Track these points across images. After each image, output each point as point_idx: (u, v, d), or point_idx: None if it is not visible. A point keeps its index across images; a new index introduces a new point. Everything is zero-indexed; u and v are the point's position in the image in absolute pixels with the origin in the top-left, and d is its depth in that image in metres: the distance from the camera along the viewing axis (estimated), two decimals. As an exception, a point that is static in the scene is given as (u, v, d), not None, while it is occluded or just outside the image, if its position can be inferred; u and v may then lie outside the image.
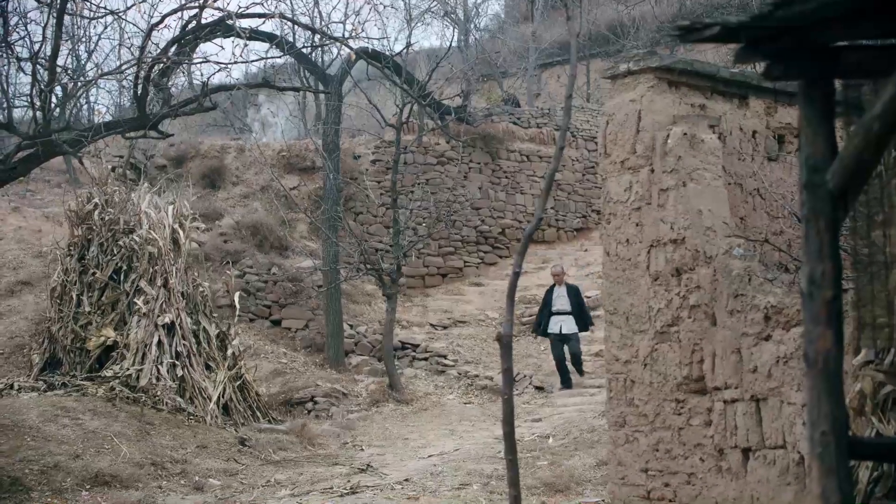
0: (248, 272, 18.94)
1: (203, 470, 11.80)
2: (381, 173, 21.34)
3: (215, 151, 22.25)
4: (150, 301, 14.16)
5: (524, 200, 23.09)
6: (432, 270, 21.69)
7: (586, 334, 16.58)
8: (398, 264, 16.85)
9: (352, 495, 10.46)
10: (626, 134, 6.63)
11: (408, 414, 15.39)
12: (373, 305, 19.87)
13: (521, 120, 23.74)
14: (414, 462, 12.14)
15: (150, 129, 7.98)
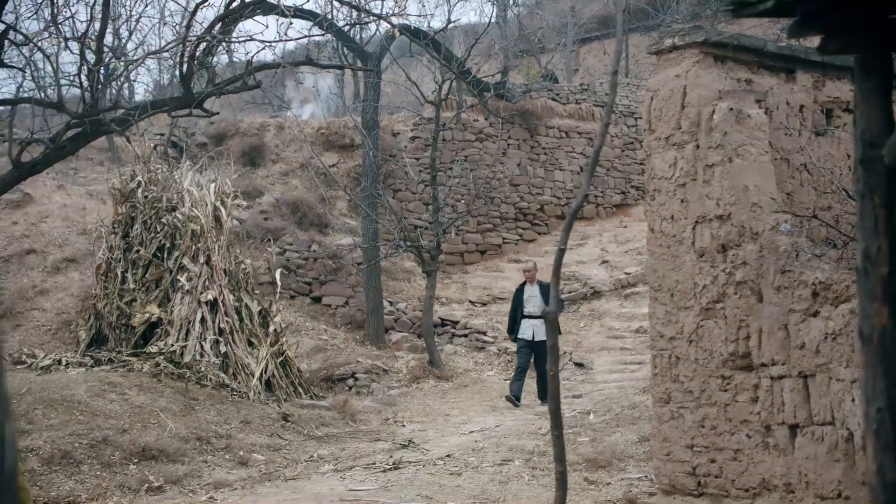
0: (288, 249, 19.06)
1: (247, 445, 11.93)
2: (420, 150, 21.35)
3: (255, 129, 22.36)
4: (193, 278, 14.31)
5: (563, 177, 23.01)
6: (471, 247, 21.71)
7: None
8: (438, 241, 16.88)
9: (395, 471, 10.55)
10: (671, 110, 6.59)
11: (448, 390, 15.45)
12: (412, 282, 19.93)
13: (560, 96, 23.62)
14: (455, 438, 12.20)
15: (196, 108, 8.04)
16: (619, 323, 17.46)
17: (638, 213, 23.11)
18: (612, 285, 18.96)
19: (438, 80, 17.87)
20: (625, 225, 22.51)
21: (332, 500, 9.26)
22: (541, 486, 9.15)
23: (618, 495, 8.23)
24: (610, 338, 16.92)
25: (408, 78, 17.54)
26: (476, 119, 21.88)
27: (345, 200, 20.83)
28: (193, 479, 10.51)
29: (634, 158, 23.92)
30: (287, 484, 10.42)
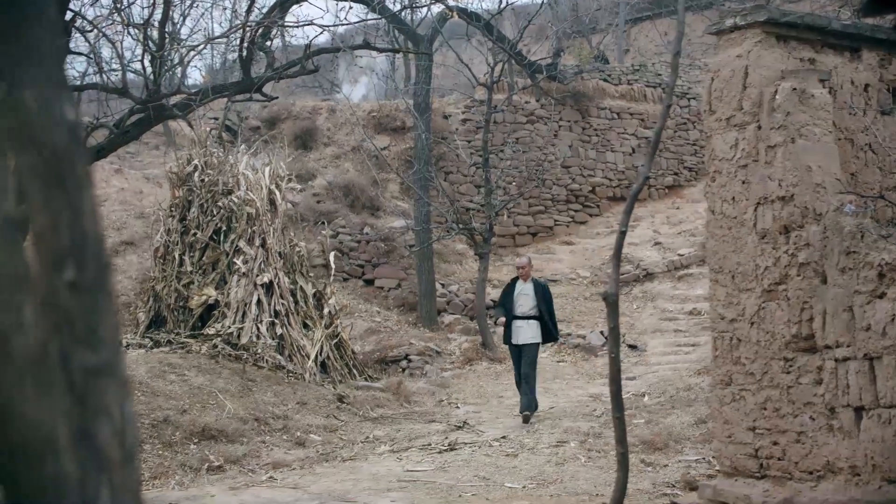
0: (340, 232, 19.19)
1: (304, 426, 12.07)
2: (471, 133, 21.34)
3: (307, 112, 22.50)
4: (248, 261, 14.47)
5: (614, 158, 22.88)
6: (522, 229, 21.68)
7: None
8: (490, 223, 16.89)
9: (450, 452, 10.62)
10: (733, 90, 6.53)
11: (501, 372, 15.49)
12: (463, 265, 19.97)
13: (612, 77, 23.45)
14: (509, 420, 12.25)
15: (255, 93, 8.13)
16: (673, 305, 17.37)
17: (691, 194, 22.93)
18: (664, 267, 18.85)
19: (491, 62, 17.83)
20: (677, 206, 22.34)
21: (391, 480, 9.35)
22: (597, 467, 9.18)
23: (676, 477, 8.23)
24: (663, 320, 16.84)
25: (460, 60, 17.53)
26: (527, 101, 21.82)
27: (396, 183, 20.89)
28: (252, 459, 10.66)
29: (687, 139, 23.71)
30: (344, 464, 10.54)
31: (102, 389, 1.41)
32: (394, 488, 8.99)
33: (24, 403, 1.32)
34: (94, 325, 1.42)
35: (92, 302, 1.43)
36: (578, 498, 7.89)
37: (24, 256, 1.34)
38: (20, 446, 1.32)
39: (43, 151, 1.41)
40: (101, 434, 1.39)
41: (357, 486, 9.14)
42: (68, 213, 1.43)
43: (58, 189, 1.42)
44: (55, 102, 1.42)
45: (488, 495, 8.34)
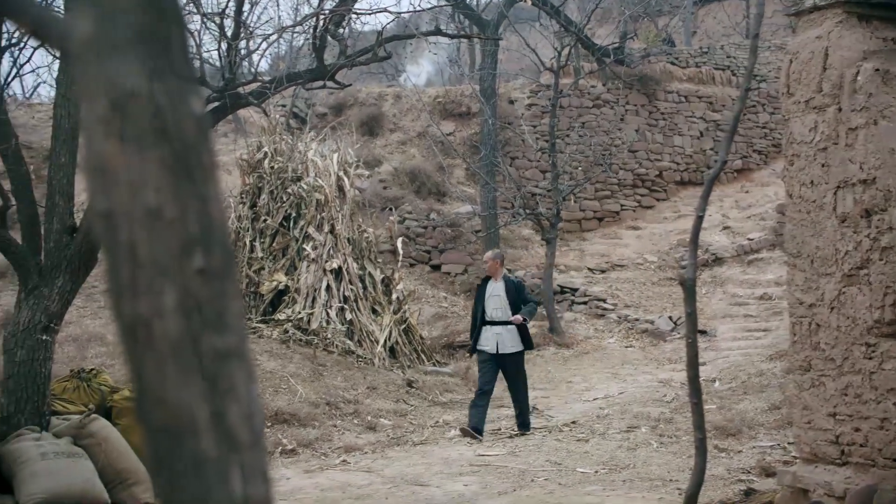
0: (407, 218, 19.28)
1: (374, 410, 12.18)
2: (537, 118, 21.27)
3: (373, 99, 22.61)
4: (318, 247, 14.63)
5: (682, 142, 22.63)
6: (588, 214, 21.58)
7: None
8: (557, 209, 16.84)
9: (521, 437, 10.66)
10: (812, 72, 6.43)
11: (569, 357, 15.47)
12: (530, 250, 19.95)
13: (679, 60, 23.17)
14: (579, 405, 12.24)
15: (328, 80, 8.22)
16: (743, 290, 17.16)
17: (760, 177, 22.61)
18: (733, 252, 18.63)
19: (557, 46, 17.74)
20: (746, 190, 22.04)
21: (462, 464, 9.41)
22: (670, 452, 9.14)
23: (750, 463, 8.16)
24: (733, 305, 16.65)
25: (526, 45, 17.47)
26: (594, 85, 21.68)
27: (462, 169, 20.92)
28: (325, 443, 10.80)
29: (757, 122, 23.37)
30: (416, 448, 10.63)
31: (231, 373, 1.46)
32: (466, 472, 9.05)
33: (165, 387, 1.38)
34: (221, 310, 1.47)
35: (219, 288, 1.47)
36: (651, 483, 7.87)
37: (165, 244, 1.39)
38: (162, 428, 1.38)
39: (173, 144, 1.45)
40: (230, 416, 1.44)
41: (429, 471, 9.22)
42: (196, 203, 1.47)
43: (186, 180, 1.46)
44: (184, 96, 1.47)
45: (560, 480, 8.36)
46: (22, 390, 7.76)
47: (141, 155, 1.38)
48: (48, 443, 7.59)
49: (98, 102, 1.37)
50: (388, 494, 8.23)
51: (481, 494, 8.00)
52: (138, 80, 1.37)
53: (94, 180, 1.38)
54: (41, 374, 7.88)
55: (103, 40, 1.35)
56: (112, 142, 1.37)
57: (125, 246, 1.37)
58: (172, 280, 1.39)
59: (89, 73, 1.36)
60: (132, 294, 1.37)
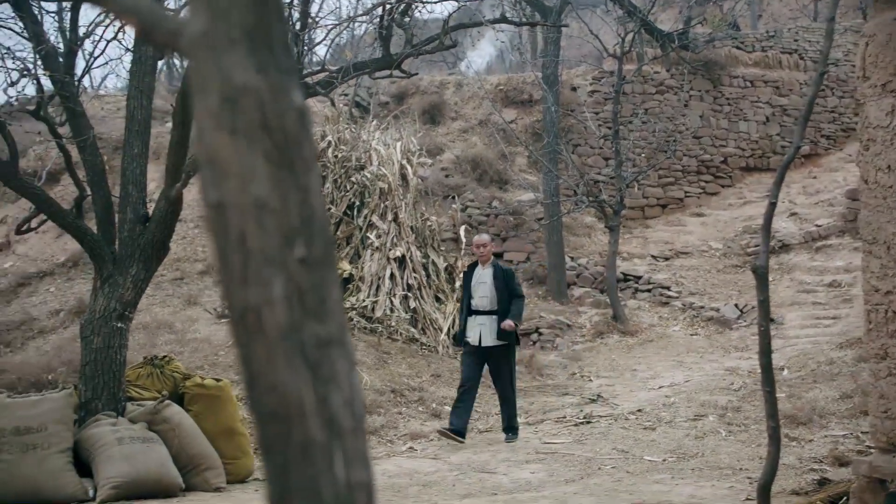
0: (469, 206, 19.29)
1: (438, 398, 12.24)
2: (599, 104, 21.13)
3: (434, 87, 22.64)
4: (381, 235, 14.72)
5: (747, 128, 22.30)
6: (651, 201, 21.40)
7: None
8: (621, 196, 16.73)
9: (586, 425, 10.64)
10: (889, 55, 6.29)
11: (633, 345, 15.38)
12: (592, 237, 19.85)
13: (745, 44, 22.82)
14: (644, 393, 12.17)
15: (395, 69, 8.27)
16: (811, 277, 16.90)
17: (828, 162, 22.21)
18: (801, 238, 18.34)
19: (620, 32, 17.60)
20: (814, 176, 21.67)
21: (528, 452, 9.43)
22: (739, 441, 9.05)
23: (822, 452, 8.05)
24: (800, 292, 16.41)
25: (589, 31, 17.36)
26: (657, 71, 21.47)
27: (524, 156, 20.86)
28: (390, 430, 10.89)
29: (825, 106, 22.94)
30: (481, 436, 10.67)
31: (333, 360, 1.49)
32: (532, 460, 9.06)
33: (274, 374, 1.41)
34: (322, 299, 1.50)
35: (320, 276, 1.50)
36: (721, 472, 7.81)
37: (273, 234, 1.42)
38: (272, 414, 1.41)
39: (274, 135, 1.49)
40: (333, 403, 1.47)
41: (496, 458, 9.25)
42: (297, 193, 1.51)
43: (288, 170, 1.49)
44: (286, 89, 1.50)
45: (628, 468, 8.33)
46: (99, 377, 7.96)
47: (250, 147, 1.42)
48: (124, 428, 7.77)
49: (210, 97, 1.40)
50: (455, 481, 8.28)
51: (548, 482, 8.01)
52: (248, 74, 1.41)
53: (205, 172, 1.42)
54: (117, 360, 8.07)
55: (216, 36, 1.39)
56: (223, 135, 1.41)
57: (235, 236, 1.41)
58: (279, 269, 1.43)
59: (202, 69, 1.40)
60: (242, 283, 1.41)
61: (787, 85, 22.60)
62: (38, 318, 15.54)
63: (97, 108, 21.17)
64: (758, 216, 19.25)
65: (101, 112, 21.15)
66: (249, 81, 1.41)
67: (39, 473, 7.36)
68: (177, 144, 8.02)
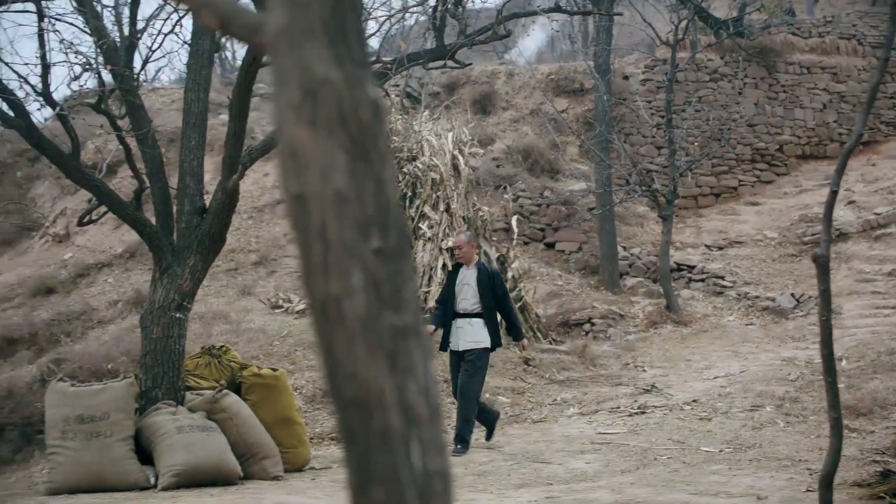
0: (521, 196, 19.26)
1: (492, 388, 12.24)
2: (652, 93, 20.97)
3: (485, 77, 22.60)
4: (434, 225, 14.74)
5: (803, 115, 21.96)
6: (705, 190, 21.19)
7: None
8: (674, 185, 16.59)
9: (641, 415, 10.59)
10: (953, 39, 6.17)
11: (687, 335, 15.27)
12: (645, 227, 19.72)
13: (801, 30, 22.47)
14: (699, 383, 12.08)
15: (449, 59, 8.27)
16: (869, 266, 16.64)
17: (888, 149, 21.82)
18: (859, 227, 18.06)
19: (674, 20, 17.43)
20: (873, 163, 21.29)
21: (583, 442, 9.41)
22: (797, 432, 8.95)
23: (885, 444, 7.93)
24: (859, 281, 16.16)
25: (643, 19, 17.21)
26: (710, 58, 21.24)
27: (576, 146, 20.77)
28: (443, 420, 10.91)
29: (885, 92, 22.51)
30: (535, 426, 10.67)
31: (409, 350, 1.50)
32: (587, 450, 9.04)
33: (354, 364, 1.43)
34: (398, 289, 1.52)
35: (395, 267, 1.52)
36: (780, 463, 7.73)
37: (352, 225, 1.44)
38: (353, 403, 1.43)
39: (350, 128, 1.50)
40: (409, 392, 1.49)
41: (550, 448, 9.24)
42: (372, 185, 1.52)
43: (363, 162, 1.51)
44: (361, 82, 1.51)
45: (684, 459, 8.28)
46: (158, 366, 8.08)
47: (329, 140, 1.43)
48: (184, 417, 7.88)
49: (290, 89, 1.42)
50: (511, 471, 8.28)
51: (604, 472, 7.99)
52: (328, 67, 1.43)
53: (286, 164, 1.44)
54: (176, 350, 8.19)
55: (296, 30, 1.41)
56: (303, 127, 1.42)
57: (316, 227, 1.43)
58: (358, 260, 1.44)
59: (282, 62, 1.42)
60: (323, 274, 1.43)
61: (844, 71, 22.23)
62: (98, 309, 15.81)
63: (153, 101, 21.45)
64: (814, 205, 19.00)
65: (157, 105, 21.42)
66: (329, 74, 1.43)
67: (103, 461, 7.50)
68: (233, 136, 8.10)
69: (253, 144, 9.14)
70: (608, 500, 6.66)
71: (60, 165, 8.06)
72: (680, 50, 18.12)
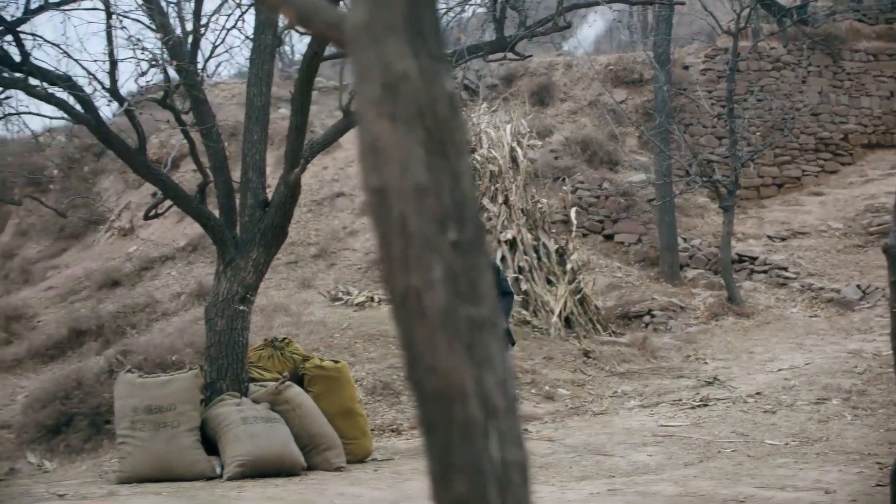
0: (579, 188, 19.16)
1: (551, 380, 12.23)
2: (712, 82, 20.71)
3: (543, 68, 22.51)
4: (492, 218, 14.74)
5: (870, 103, 21.49)
6: (767, 181, 20.87)
7: None
8: (736, 175, 16.37)
9: (703, 407, 10.49)
10: None
11: (749, 327, 15.09)
12: (705, 218, 19.52)
13: (867, 16, 22.00)
14: (762, 376, 11.93)
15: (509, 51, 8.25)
16: (939, 257, 16.27)
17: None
18: (927, 217, 17.65)
19: (736, 8, 17.19)
20: (942, 151, 20.83)
21: (645, 434, 9.35)
22: (866, 426, 8.81)
23: (956, 439, 7.78)
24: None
25: (704, 8, 17.02)
26: (773, 47, 20.90)
27: (634, 137, 20.61)
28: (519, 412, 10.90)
29: (956, 78, 21.97)
30: (595, 418, 10.63)
31: (486, 342, 1.51)
32: (649, 443, 8.98)
33: (435, 356, 1.44)
34: (474, 282, 1.52)
35: (471, 260, 1.53)
36: (848, 457, 7.61)
37: (431, 218, 1.45)
38: (434, 394, 1.45)
39: (426, 121, 1.51)
40: (487, 384, 1.50)
41: (612, 440, 9.20)
42: (449, 178, 1.53)
43: (439, 156, 1.52)
44: (437, 76, 1.52)
45: (749, 452, 8.19)
46: (223, 358, 8.19)
47: (409, 133, 1.45)
48: (248, 408, 7.99)
49: (372, 84, 1.44)
50: (572, 463, 8.26)
51: (667, 465, 7.94)
52: (408, 62, 1.44)
53: (367, 158, 1.45)
54: (239, 342, 8.29)
55: (376, 25, 1.42)
56: (384, 122, 1.44)
57: (396, 221, 1.45)
58: (438, 253, 1.46)
59: (363, 58, 1.44)
60: (404, 267, 1.44)
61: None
62: (161, 301, 16.08)
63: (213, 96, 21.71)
64: (880, 194, 18.64)
65: (217, 100, 21.68)
66: (408, 68, 1.44)
67: (171, 451, 7.63)
68: (295, 130, 8.18)
69: (313, 138, 9.21)
70: (671, 493, 6.61)
71: (127, 160, 8.20)
72: (742, 38, 17.86)
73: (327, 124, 18.59)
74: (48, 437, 12.06)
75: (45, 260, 19.96)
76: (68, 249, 20.18)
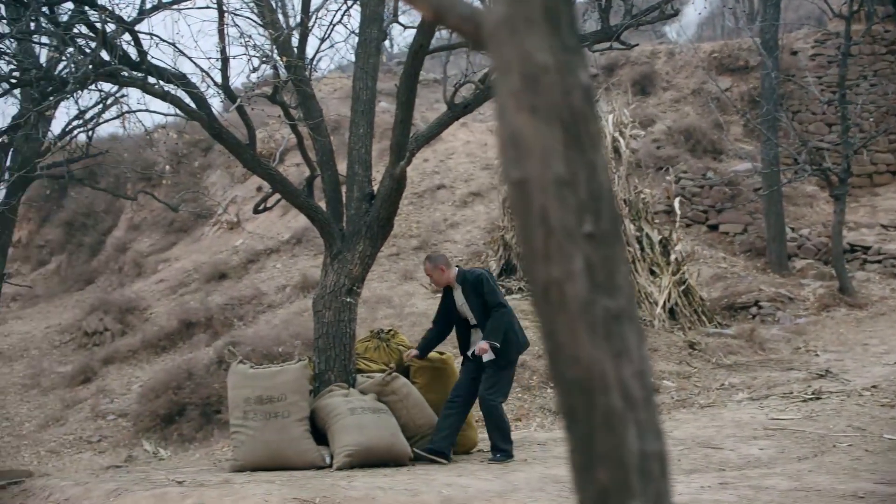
0: (682, 177, 18.88)
1: (656, 372, 12.08)
2: (822, 68, 20.15)
3: (645, 57, 22.23)
4: (595, 209, 14.62)
5: None
6: (881, 168, 20.22)
7: None
8: (848, 163, 15.91)
9: (816, 401, 10.23)
10: None
11: (863, 319, 14.66)
12: (814, 207, 19.03)
13: None
14: (878, 368, 11.59)
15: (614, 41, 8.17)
16: None
17: None
18: None
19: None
20: None
21: (755, 428, 9.16)
22: None
23: None
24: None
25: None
26: (888, 30, 20.22)
27: (739, 125, 20.20)
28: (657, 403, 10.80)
29: None
30: (703, 411, 10.46)
31: (623, 333, 1.51)
32: (759, 436, 8.80)
33: (576, 346, 1.45)
34: (611, 273, 1.52)
35: (608, 251, 1.52)
36: (973, 454, 7.35)
37: (571, 210, 1.45)
38: (575, 383, 1.45)
39: (561, 113, 1.51)
40: (625, 374, 1.49)
41: (720, 433, 9.04)
42: (585, 170, 1.53)
43: (575, 148, 1.52)
44: (573, 68, 1.52)
45: (866, 446, 7.95)
46: (331, 349, 8.32)
47: (548, 126, 1.45)
48: (356, 399, 8.09)
49: (511, 77, 1.45)
50: (681, 456, 8.15)
51: (779, 459, 7.77)
52: (547, 54, 1.44)
53: (507, 151, 1.46)
54: (347, 334, 8.40)
55: (516, 19, 1.43)
56: (524, 114, 1.45)
57: (537, 213, 1.45)
58: (578, 244, 1.46)
59: (504, 51, 1.45)
60: (545, 258, 1.45)
61: None
62: (267, 293, 16.41)
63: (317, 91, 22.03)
64: None
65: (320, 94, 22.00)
66: (548, 61, 1.44)
67: (282, 440, 7.79)
68: (400, 123, 8.24)
69: (418, 131, 9.27)
70: (785, 488, 6.48)
71: (238, 155, 8.38)
72: (854, 22, 17.32)
73: (426, 116, 18.73)
74: (162, 425, 12.45)
75: (156, 253, 20.58)
76: (178, 243, 20.76)
